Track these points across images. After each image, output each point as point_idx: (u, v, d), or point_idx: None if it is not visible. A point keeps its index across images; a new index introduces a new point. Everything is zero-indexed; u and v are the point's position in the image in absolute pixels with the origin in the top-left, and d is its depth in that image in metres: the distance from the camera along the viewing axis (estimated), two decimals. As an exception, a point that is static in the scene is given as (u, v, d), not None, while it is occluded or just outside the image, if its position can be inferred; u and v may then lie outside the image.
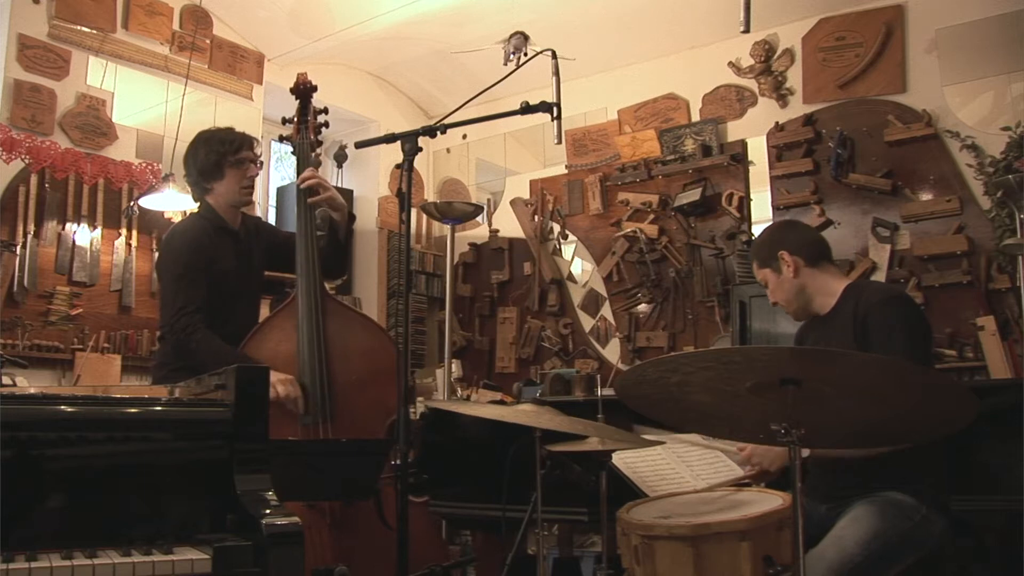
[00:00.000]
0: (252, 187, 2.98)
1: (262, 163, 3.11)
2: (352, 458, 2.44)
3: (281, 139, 3.06)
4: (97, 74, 4.78)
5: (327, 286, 3.01)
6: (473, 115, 2.61)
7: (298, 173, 3.00)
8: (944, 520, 2.17)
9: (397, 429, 2.24)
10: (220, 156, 2.89)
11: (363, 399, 2.78)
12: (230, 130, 3.00)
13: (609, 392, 2.42)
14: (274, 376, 2.56)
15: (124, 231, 4.78)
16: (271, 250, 3.07)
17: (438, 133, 2.46)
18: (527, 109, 2.42)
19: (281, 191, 5.87)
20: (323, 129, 3.06)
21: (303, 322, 2.77)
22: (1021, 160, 4.08)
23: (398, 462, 2.25)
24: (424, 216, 5.93)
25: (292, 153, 3.05)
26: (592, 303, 5.75)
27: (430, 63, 6.01)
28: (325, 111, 3.07)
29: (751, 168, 5.20)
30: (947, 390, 1.59)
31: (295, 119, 3.04)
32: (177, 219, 4.54)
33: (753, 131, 5.19)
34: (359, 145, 2.60)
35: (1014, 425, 2.45)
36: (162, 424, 1.68)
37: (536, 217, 6.01)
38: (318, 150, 3.05)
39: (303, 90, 3.04)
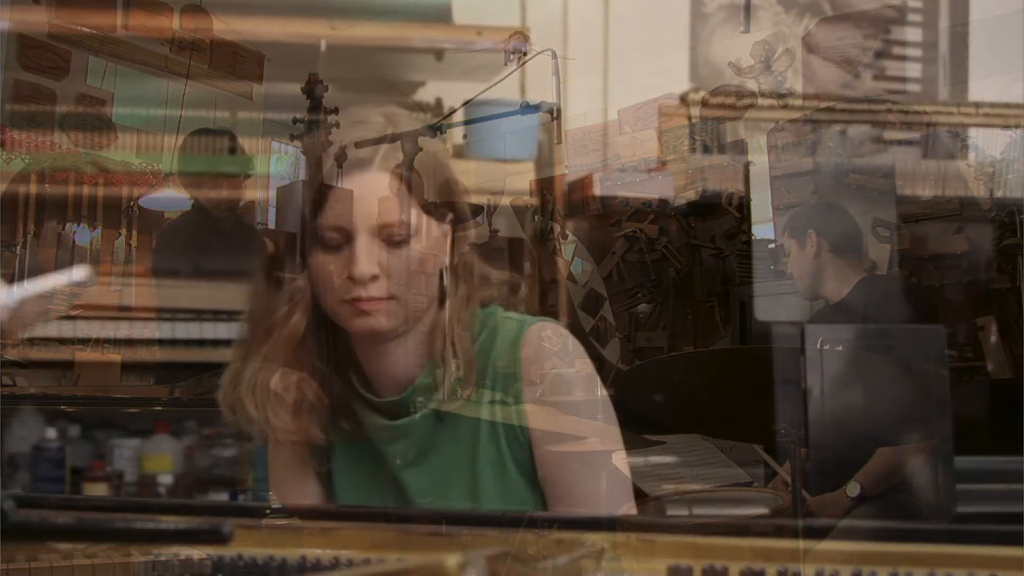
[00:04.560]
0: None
1: (248, 175, 3.14)
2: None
3: (292, 138, 3.07)
4: (97, 74, 4.78)
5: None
6: (473, 115, 2.60)
7: (307, 173, 3.01)
8: (946, 520, 2.17)
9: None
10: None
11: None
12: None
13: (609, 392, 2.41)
14: None
15: (124, 231, 4.77)
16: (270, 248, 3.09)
17: (438, 133, 2.46)
18: (527, 109, 2.42)
19: (281, 191, 5.85)
20: (334, 129, 3.06)
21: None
22: (1021, 160, 4.08)
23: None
24: (424, 216, 5.92)
25: (302, 153, 3.06)
26: (592, 303, 5.74)
27: (430, 63, 6.01)
28: (335, 111, 3.07)
29: (751, 168, 5.19)
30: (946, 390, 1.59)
31: (305, 119, 3.05)
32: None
33: (753, 131, 5.19)
34: (359, 145, 2.60)
35: (1014, 425, 2.44)
36: (167, 424, 1.69)
37: (536, 217, 6.01)
38: (328, 151, 3.06)
39: (314, 90, 3.04)
